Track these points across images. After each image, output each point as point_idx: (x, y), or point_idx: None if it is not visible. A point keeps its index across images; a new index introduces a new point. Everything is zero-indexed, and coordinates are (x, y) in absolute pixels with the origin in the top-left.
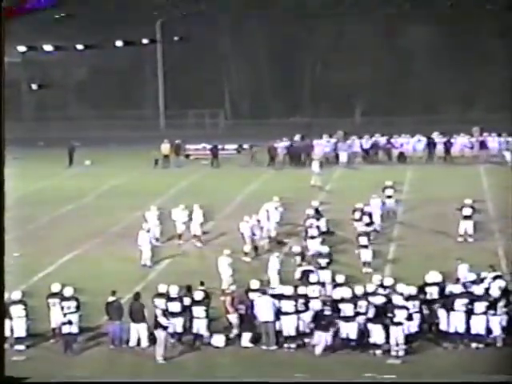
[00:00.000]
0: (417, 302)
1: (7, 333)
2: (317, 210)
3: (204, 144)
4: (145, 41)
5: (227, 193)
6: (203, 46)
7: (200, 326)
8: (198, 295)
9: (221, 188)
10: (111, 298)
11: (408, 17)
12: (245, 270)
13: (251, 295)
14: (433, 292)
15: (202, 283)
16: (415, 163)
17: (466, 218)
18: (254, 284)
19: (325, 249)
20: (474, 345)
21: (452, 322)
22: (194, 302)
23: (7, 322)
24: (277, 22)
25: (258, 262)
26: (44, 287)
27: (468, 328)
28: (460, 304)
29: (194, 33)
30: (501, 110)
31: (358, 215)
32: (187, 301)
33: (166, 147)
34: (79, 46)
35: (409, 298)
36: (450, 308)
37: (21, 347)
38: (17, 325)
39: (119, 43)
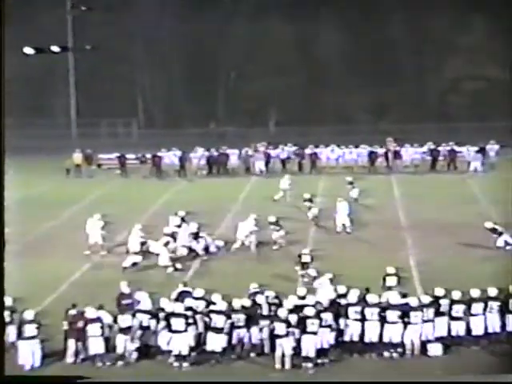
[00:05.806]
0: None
1: None
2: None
3: (116, 153)
4: (56, 49)
5: (140, 203)
6: (116, 55)
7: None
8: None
9: (133, 198)
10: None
11: (321, 27)
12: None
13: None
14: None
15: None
16: (329, 173)
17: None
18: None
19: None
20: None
21: (367, 331)
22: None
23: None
24: (191, 31)
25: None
26: None
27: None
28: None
29: (106, 42)
30: (413, 121)
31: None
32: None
33: (77, 156)
34: None
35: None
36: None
37: None
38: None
39: (29, 50)
